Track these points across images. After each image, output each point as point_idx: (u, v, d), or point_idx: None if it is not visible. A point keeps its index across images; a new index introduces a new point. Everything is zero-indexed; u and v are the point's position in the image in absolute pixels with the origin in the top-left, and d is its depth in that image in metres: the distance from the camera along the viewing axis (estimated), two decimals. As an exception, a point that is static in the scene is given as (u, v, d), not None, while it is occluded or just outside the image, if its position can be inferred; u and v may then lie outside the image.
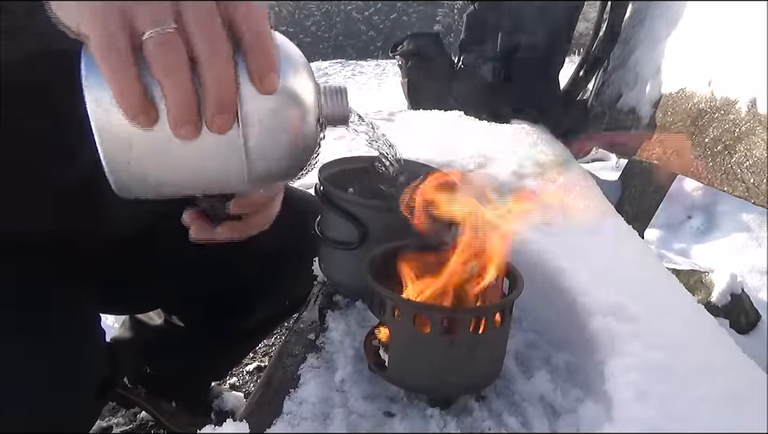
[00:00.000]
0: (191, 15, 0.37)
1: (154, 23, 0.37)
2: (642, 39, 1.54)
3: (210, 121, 0.39)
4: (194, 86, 0.38)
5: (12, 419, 0.68)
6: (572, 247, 0.87)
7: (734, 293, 1.60)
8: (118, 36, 0.36)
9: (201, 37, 0.38)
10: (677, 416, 0.58)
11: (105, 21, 0.36)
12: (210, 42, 0.38)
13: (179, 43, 0.37)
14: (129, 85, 0.37)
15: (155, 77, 0.37)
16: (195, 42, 0.38)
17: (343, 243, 0.82)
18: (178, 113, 0.38)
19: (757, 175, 0.97)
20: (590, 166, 2.90)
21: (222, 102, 0.39)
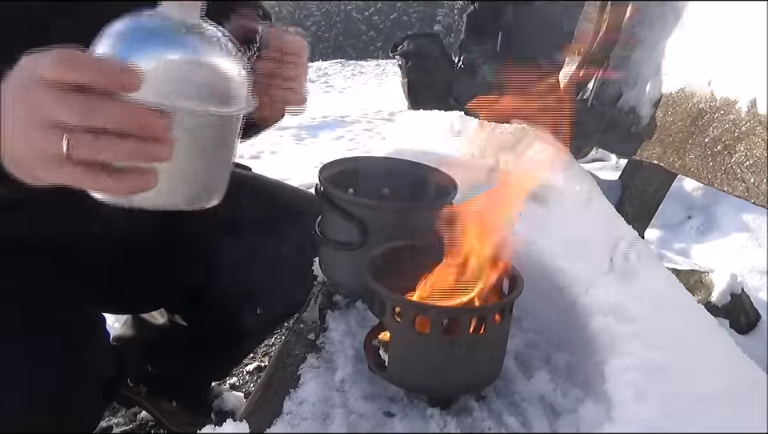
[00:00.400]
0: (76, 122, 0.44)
1: (57, 148, 0.44)
2: (642, 39, 1.54)
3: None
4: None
5: (14, 419, 0.68)
6: (572, 247, 0.87)
7: (734, 293, 1.60)
8: (64, 172, 0.45)
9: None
10: (677, 416, 0.58)
11: (51, 175, 0.46)
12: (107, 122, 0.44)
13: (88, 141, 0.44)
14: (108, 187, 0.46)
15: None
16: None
17: (343, 244, 0.82)
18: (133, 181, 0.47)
19: (757, 175, 0.97)
20: (590, 166, 2.90)
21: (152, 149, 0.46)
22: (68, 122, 0.44)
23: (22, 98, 0.46)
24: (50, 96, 0.44)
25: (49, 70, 0.44)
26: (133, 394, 1.29)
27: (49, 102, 0.44)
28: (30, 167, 0.48)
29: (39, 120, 0.45)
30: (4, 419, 0.67)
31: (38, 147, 0.45)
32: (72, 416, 0.75)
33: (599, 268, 0.82)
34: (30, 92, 0.45)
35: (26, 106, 0.45)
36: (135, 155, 0.45)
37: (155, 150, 0.46)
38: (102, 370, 0.82)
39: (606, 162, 3.18)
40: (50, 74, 0.44)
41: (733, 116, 1.08)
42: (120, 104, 0.44)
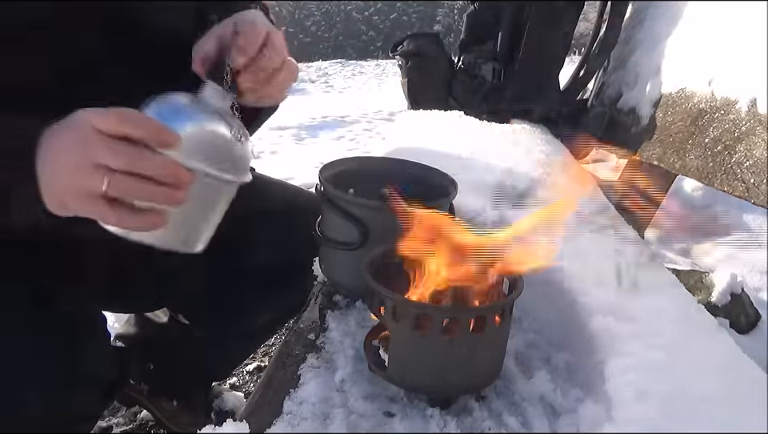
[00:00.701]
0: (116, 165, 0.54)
1: (97, 186, 0.54)
2: (642, 39, 1.54)
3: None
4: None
5: (13, 417, 0.68)
6: (572, 247, 0.87)
7: (734, 293, 1.60)
8: (96, 207, 0.55)
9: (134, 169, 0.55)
10: (677, 416, 0.58)
11: (83, 207, 0.56)
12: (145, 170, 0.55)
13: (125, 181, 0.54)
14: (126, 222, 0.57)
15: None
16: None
17: (344, 244, 0.82)
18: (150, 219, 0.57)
19: (757, 175, 0.97)
20: (590, 166, 2.90)
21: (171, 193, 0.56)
22: (112, 166, 0.54)
23: (76, 143, 0.55)
24: (102, 143, 0.54)
25: (107, 122, 0.54)
26: (134, 392, 1.29)
27: (101, 147, 0.54)
28: (63, 199, 0.57)
29: (88, 161, 0.54)
30: (7, 419, 0.68)
31: (80, 183, 0.55)
32: (69, 416, 0.75)
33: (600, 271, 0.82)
34: (85, 138, 0.54)
35: (80, 148, 0.54)
36: (160, 199, 0.56)
37: (176, 197, 0.56)
38: (102, 370, 0.82)
39: (605, 162, 3.18)
40: (107, 125, 0.54)
41: (733, 116, 1.08)
42: (160, 156, 0.55)
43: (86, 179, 0.55)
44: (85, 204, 0.56)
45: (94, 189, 0.54)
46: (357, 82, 10.03)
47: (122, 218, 0.56)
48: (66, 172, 0.56)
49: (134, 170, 0.54)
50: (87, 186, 0.55)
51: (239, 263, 0.96)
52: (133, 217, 0.56)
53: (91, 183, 0.54)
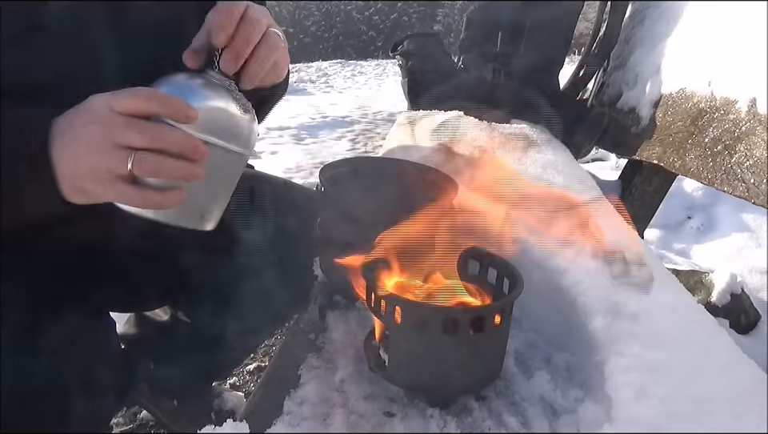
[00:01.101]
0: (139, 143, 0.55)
1: (121, 166, 0.54)
2: (642, 39, 1.54)
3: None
4: None
5: (22, 419, 0.68)
6: (572, 247, 0.87)
7: (734, 293, 1.60)
8: (118, 188, 0.55)
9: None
10: (677, 416, 0.58)
11: (104, 189, 0.55)
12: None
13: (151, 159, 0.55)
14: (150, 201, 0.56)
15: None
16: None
17: (344, 244, 0.81)
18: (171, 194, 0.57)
19: (757, 175, 0.97)
20: (590, 166, 2.90)
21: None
22: (134, 144, 0.54)
23: (95, 125, 0.54)
24: (122, 122, 0.54)
25: (124, 101, 0.54)
26: (134, 392, 1.29)
27: (122, 126, 0.54)
28: (83, 183, 0.56)
29: (110, 141, 0.54)
30: (12, 418, 0.68)
31: (103, 164, 0.54)
32: (86, 421, 0.76)
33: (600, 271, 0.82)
34: (104, 119, 0.54)
35: (100, 130, 0.54)
36: (181, 174, 0.56)
37: (196, 171, 0.56)
38: (116, 374, 0.82)
39: (605, 162, 3.18)
40: (124, 104, 0.54)
41: (733, 116, 1.08)
42: (180, 132, 0.55)
43: (108, 160, 0.54)
44: (107, 186, 0.55)
45: (117, 169, 0.54)
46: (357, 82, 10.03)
47: (146, 197, 0.55)
48: (86, 155, 0.54)
49: (157, 147, 0.54)
50: (110, 166, 0.54)
51: (239, 260, 0.96)
52: (156, 195, 0.56)
53: (114, 164, 0.54)
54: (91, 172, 0.55)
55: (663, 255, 2.15)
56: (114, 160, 0.54)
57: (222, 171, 0.62)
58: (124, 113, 0.54)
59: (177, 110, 0.55)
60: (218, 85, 0.61)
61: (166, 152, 0.55)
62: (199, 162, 0.57)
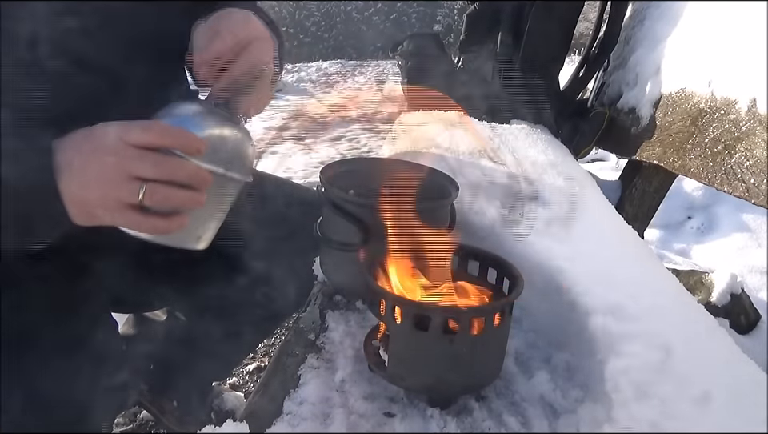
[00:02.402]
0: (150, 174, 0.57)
1: (132, 197, 0.57)
2: (642, 39, 1.54)
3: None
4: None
5: (29, 420, 0.68)
6: (572, 247, 0.87)
7: (734, 293, 1.60)
8: (127, 216, 0.58)
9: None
10: (677, 416, 0.58)
11: (114, 217, 0.58)
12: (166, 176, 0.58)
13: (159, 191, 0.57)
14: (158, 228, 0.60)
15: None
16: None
17: (344, 245, 0.82)
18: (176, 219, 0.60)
19: (757, 175, 0.97)
20: (590, 166, 2.90)
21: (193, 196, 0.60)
22: (147, 176, 0.56)
23: (107, 156, 0.56)
24: (135, 155, 0.56)
25: (135, 134, 0.57)
26: (134, 392, 1.29)
27: (135, 159, 0.56)
28: (93, 210, 0.58)
29: (124, 173, 0.56)
30: (18, 419, 0.68)
31: (114, 195, 0.57)
32: (92, 421, 0.76)
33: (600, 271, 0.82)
34: (116, 151, 0.56)
35: (114, 161, 0.56)
36: (187, 203, 0.59)
37: (199, 199, 0.60)
38: (121, 375, 0.82)
39: (605, 162, 3.18)
40: (136, 137, 0.57)
41: (733, 116, 1.08)
42: (189, 164, 0.59)
43: (120, 191, 0.56)
44: (117, 214, 0.58)
45: (128, 199, 0.57)
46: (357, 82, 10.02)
47: (153, 224, 0.59)
48: (97, 184, 0.57)
49: (168, 179, 0.57)
50: (122, 197, 0.57)
51: (239, 259, 0.96)
52: (162, 222, 0.59)
53: (125, 194, 0.56)
54: (102, 201, 0.57)
55: (663, 255, 2.15)
56: (126, 191, 0.56)
57: (221, 196, 0.65)
58: (136, 145, 0.57)
59: (188, 145, 0.59)
60: (218, 114, 0.63)
61: (175, 183, 0.58)
62: (203, 191, 0.60)
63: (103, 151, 0.57)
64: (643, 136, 1.37)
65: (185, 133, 0.59)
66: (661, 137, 1.30)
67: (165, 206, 0.58)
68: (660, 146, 1.29)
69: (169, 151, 0.58)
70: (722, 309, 1.56)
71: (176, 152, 0.58)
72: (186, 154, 0.58)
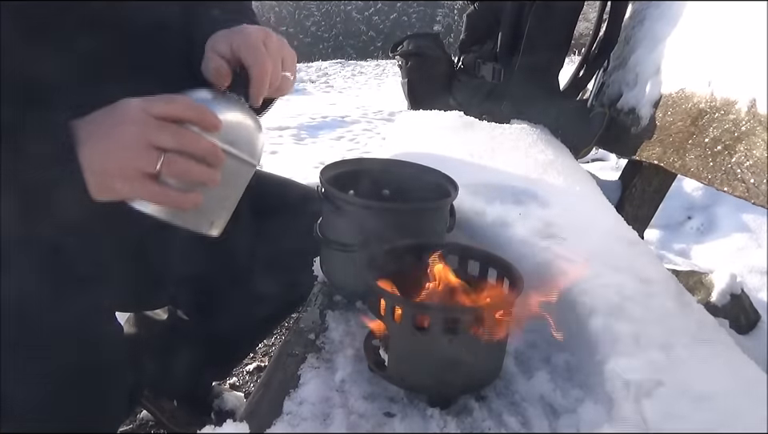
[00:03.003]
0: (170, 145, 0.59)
1: (151, 165, 0.58)
2: (642, 39, 1.54)
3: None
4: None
5: (42, 421, 0.68)
6: (572, 247, 0.87)
7: (734, 293, 1.60)
8: (145, 187, 0.59)
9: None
10: (677, 416, 0.58)
11: (131, 187, 0.59)
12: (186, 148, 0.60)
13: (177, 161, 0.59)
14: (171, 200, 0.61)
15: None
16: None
17: (344, 245, 0.82)
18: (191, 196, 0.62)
19: (757, 175, 0.97)
20: (590, 166, 2.90)
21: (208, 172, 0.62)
22: (166, 146, 0.58)
23: (128, 125, 0.58)
24: (156, 124, 0.58)
25: (158, 106, 0.59)
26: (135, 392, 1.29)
27: (156, 129, 0.58)
28: (110, 181, 0.58)
29: (144, 141, 0.57)
30: (28, 419, 0.68)
31: (133, 163, 0.58)
32: (102, 424, 0.76)
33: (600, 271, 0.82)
34: (138, 121, 0.58)
35: (134, 130, 0.57)
36: (202, 178, 0.61)
37: (215, 176, 0.61)
38: (128, 376, 0.83)
39: (605, 162, 3.18)
40: (158, 109, 0.59)
41: (733, 116, 1.08)
42: (206, 139, 0.61)
43: (140, 159, 0.58)
44: (134, 183, 0.58)
45: (146, 168, 0.58)
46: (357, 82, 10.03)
47: (169, 195, 0.60)
48: (117, 153, 0.58)
49: (186, 150, 0.59)
50: (140, 165, 0.58)
51: (239, 258, 0.96)
52: (177, 195, 0.60)
53: (144, 163, 0.58)
54: (120, 170, 0.58)
55: (663, 255, 2.15)
56: (145, 159, 0.58)
57: (234, 180, 0.67)
58: (158, 117, 0.58)
59: (206, 120, 0.61)
60: (234, 99, 0.67)
61: (192, 157, 0.59)
62: (218, 169, 0.62)
63: (125, 122, 0.58)
64: (643, 136, 1.37)
65: (205, 109, 0.61)
66: (661, 137, 1.30)
67: (181, 178, 0.60)
68: (660, 146, 1.29)
69: (187, 127, 0.60)
70: (721, 309, 1.56)
71: (194, 129, 0.60)
72: (204, 131, 0.61)
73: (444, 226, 0.87)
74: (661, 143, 1.29)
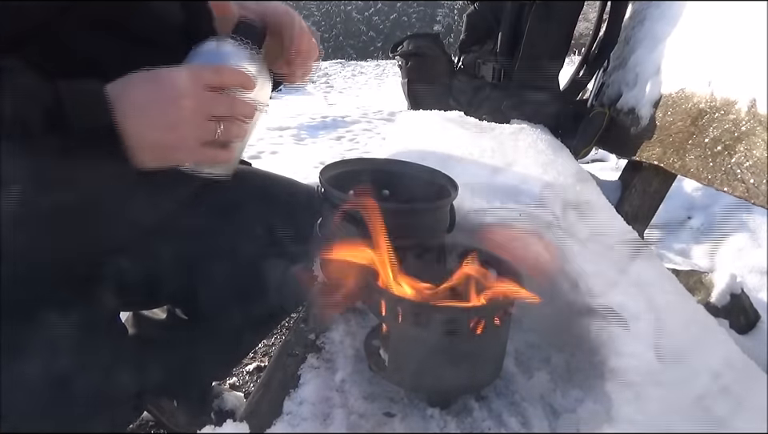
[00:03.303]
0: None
1: (211, 134, 0.65)
2: (642, 39, 1.54)
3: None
4: None
5: (48, 421, 0.68)
6: (572, 247, 0.87)
7: (734, 293, 1.60)
8: (204, 153, 0.66)
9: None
10: (677, 416, 0.58)
11: (192, 155, 0.66)
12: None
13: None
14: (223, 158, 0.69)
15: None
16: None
17: (343, 244, 0.81)
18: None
19: (757, 175, 0.97)
20: (590, 166, 2.90)
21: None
22: (222, 115, 0.64)
23: (186, 99, 0.62)
24: (211, 97, 0.64)
25: (213, 78, 0.64)
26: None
27: (212, 101, 0.64)
28: (167, 153, 0.63)
29: (203, 115, 0.63)
30: (34, 419, 0.68)
31: (195, 135, 0.63)
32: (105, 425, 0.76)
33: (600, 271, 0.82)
34: (194, 95, 0.62)
35: (192, 105, 0.62)
36: (243, 134, 0.69)
37: (250, 130, 0.70)
38: (134, 379, 0.83)
39: (605, 162, 3.18)
40: (213, 80, 0.64)
41: (733, 116, 1.08)
42: (249, 102, 0.68)
43: (201, 131, 0.64)
44: (195, 152, 0.65)
45: (208, 138, 0.64)
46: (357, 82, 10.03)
47: (224, 156, 0.67)
48: (179, 128, 0.62)
49: (237, 115, 0.66)
50: (201, 136, 0.64)
51: (238, 259, 0.96)
52: (225, 154, 0.67)
53: (205, 133, 0.64)
54: (182, 142, 0.63)
55: (663, 255, 2.15)
56: (206, 130, 0.63)
57: (253, 127, 0.73)
58: (209, 87, 0.63)
59: (248, 84, 0.67)
60: (252, 52, 0.71)
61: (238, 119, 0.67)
62: (252, 124, 0.70)
63: (180, 96, 0.62)
64: (643, 136, 1.37)
65: (243, 73, 0.67)
66: (661, 137, 1.30)
67: (234, 139, 0.67)
68: (660, 147, 1.29)
69: (232, 92, 0.66)
70: (721, 309, 1.56)
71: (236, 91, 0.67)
72: (244, 92, 0.67)
73: (444, 226, 0.87)
74: (661, 143, 1.29)
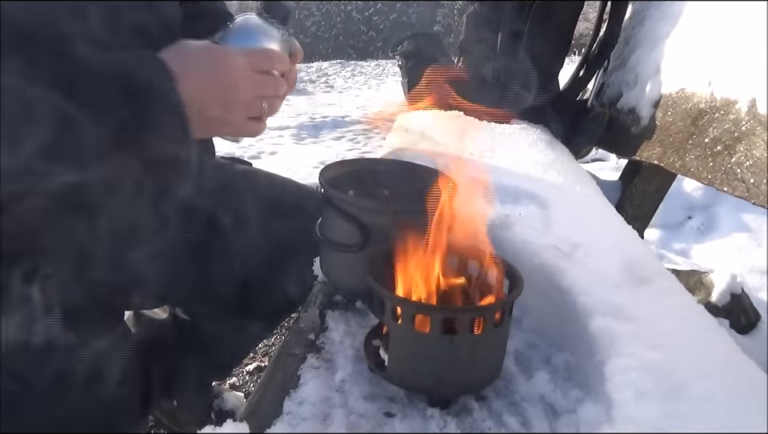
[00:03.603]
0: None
1: (257, 112, 0.76)
2: (642, 39, 1.54)
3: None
4: None
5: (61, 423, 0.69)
6: (572, 247, 0.87)
7: (734, 293, 1.60)
8: (249, 127, 0.77)
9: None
10: (677, 416, 0.58)
11: (240, 128, 0.76)
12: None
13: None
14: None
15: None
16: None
17: (344, 246, 0.81)
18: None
19: (757, 175, 0.97)
20: (590, 166, 2.90)
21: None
22: (269, 95, 0.75)
23: (244, 83, 0.72)
24: (262, 80, 0.74)
25: (263, 63, 0.74)
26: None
27: (263, 84, 0.74)
28: (219, 126, 0.73)
29: (254, 96, 0.73)
30: (47, 420, 0.68)
31: (245, 112, 0.74)
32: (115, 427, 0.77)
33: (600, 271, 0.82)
34: (250, 79, 0.72)
35: (250, 88, 0.72)
36: (278, 110, 0.78)
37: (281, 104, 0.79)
38: (140, 380, 0.83)
39: (605, 162, 3.19)
40: (263, 65, 0.74)
41: (733, 116, 1.08)
42: (283, 82, 0.77)
43: (250, 109, 0.74)
44: (244, 126, 0.75)
45: (254, 114, 0.75)
46: (357, 82, 10.03)
47: (260, 129, 0.77)
48: (239, 107, 0.73)
49: (280, 94, 0.76)
50: (250, 113, 0.74)
51: (238, 258, 0.96)
52: (263, 124, 0.78)
53: (253, 111, 0.74)
54: (238, 118, 0.73)
55: (663, 255, 2.15)
56: (254, 108, 0.74)
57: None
58: (259, 71, 0.73)
59: (283, 67, 0.76)
60: (272, 25, 0.78)
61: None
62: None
63: (239, 80, 0.71)
64: (643, 136, 1.37)
65: (287, 59, 0.77)
66: (661, 137, 1.30)
67: (272, 114, 0.77)
68: (660, 146, 1.29)
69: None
70: (722, 309, 1.56)
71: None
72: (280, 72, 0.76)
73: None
74: (661, 143, 1.29)
